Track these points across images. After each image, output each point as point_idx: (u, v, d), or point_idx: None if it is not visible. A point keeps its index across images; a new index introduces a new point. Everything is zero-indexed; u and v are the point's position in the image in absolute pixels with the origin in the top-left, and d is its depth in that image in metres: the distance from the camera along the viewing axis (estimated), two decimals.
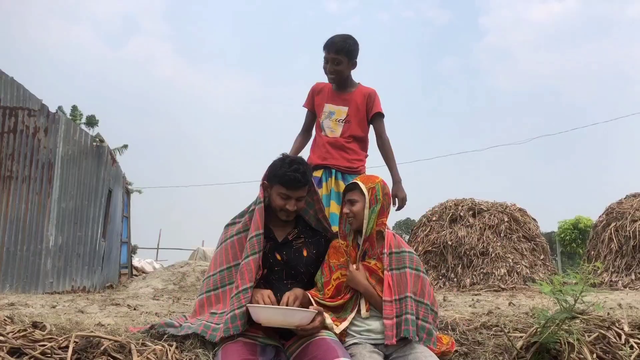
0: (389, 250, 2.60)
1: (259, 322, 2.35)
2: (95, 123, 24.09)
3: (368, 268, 2.61)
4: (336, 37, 3.36)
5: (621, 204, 10.34)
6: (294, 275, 2.63)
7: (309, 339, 2.38)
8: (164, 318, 3.39)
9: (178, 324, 2.57)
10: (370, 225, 2.61)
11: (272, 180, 2.64)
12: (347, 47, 3.33)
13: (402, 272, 2.56)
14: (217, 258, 2.66)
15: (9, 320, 2.66)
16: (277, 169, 2.62)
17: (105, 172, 11.42)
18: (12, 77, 10.26)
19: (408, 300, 2.49)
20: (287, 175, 2.57)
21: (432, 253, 10.76)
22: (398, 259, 2.59)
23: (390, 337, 2.42)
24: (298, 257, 2.67)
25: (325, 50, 3.37)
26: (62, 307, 5.17)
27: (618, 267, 9.25)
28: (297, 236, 2.72)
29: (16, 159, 10.02)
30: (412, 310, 2.48)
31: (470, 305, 5.25)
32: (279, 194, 2.61)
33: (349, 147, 3.38)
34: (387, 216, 2.71)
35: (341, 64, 3.35)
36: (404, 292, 2.51)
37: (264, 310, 2.34)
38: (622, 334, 2.89)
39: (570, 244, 23.85)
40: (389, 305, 2.48)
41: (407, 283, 2.53)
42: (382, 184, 2.70)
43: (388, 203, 2.70)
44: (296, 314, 2.34)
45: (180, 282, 11.61)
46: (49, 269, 9.98)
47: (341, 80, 3.45)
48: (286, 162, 2.63)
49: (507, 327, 3.07)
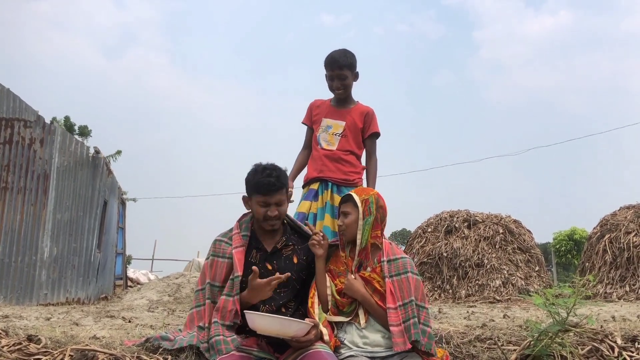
0: (387, 258, 2.61)
1: (255, 329, 2.36)
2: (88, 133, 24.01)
3: (364, 279, 2.62)
4: (335, 54, 3.43)
5: (615, 215, 10.39)
6: (285, 283, 2.63)
7: (304, 352, 2.38)
8: (159, 331, 3.39)
9: (173, 337, 2.58)
10: (365, 237, 2.63)
11: (249, 191, 2.67)
12: (349, 60, 3.42)
13: (404, 277, 2.56)
14: (206, 272, 2.67)
15: (3, 333, 2.66)
16: (251, 179, 2.65)
17: (101, 183, 11.42)
18: (9, 89, 10.26)
19: (413, 305, 2.50)
20: (262, 182, 2.59)
21: (428, 264, 10.78)
22: (396, 265, 2.60)
23: (399, 344, 2.41)
24: (289, 265, 2.68)
25: (328, 68, 3.43)
26: (56, 320, 5.15)
27: (612, 278, 9.29)
28: (285, 244, 2.73)
29: (12, 170, 10.00)
30: (416, 314, 2.49)
31: (465, 318, 5.27)
32: (257, 203, 2.62)
33: (345, 159, 3.40)
34: (383, 229, 2.72)
35: (347, 78, 3.43)
36: (408, 296, 2.52)
37: (261, 318, 2.35)
38: (615, 346, 2.91)
39: (566, 254, 23.91)
40: (394, 312, 2.48)
41: (409, 287, 2.54)
42: (376, 197, 2.71)
43: (383, 216, 2.71)
44: (292, 324, 2.35)
45: (175, 294, 11.57)
46: (43, 280, 9.93)
47: (346, 95, 3.52)
48: (259, 170, 2.65)
49: (500, 340, 3.08)
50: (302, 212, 3.31)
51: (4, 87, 10.23)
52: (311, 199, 3.32)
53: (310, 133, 3.61)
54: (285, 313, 2.60)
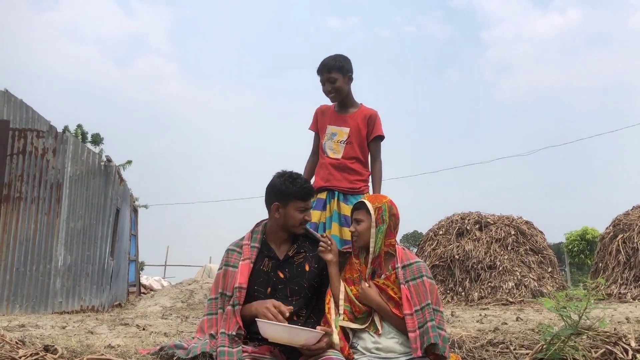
0: (401, 264, 2.61)
1: (266, 337, 2.39)
2: (100, 141, 24.21)
3: (377, 286, 2.63)
4: (325, 59, 3.45)
5: (628, 215, 10.29)
6: (297, 291, 2.67)
7: (316, 359, 2.41)
8: (173, 339, 3.42)
9: (187, 346, 2.60)
10: (378, 245, 2.63)
11: (286, 198, 2.69)
12: (337, 63, 3.41)
13: (420, 282, 2.56)
14: (219, 282, 2.71)
15: (20, 343, 2.70)
16: (288, 187, 2.68)
17: (113, 191, 11.51)
18: (22, 100, 10.40)
19: (430, 308, 2.50)
20: (305, 188, 2.72)
21: (440, 267, 10.74)
22: (411, 270, 2.59)
23: (416, 350, 2.42)
24: (301, 273, 2.70)
25: (319, 74, 3.46)
26: (72, 328, 5.21)
27: (626, 279, 9.19)
28: (297, 251, 2.76)
29: (25, 180, 10.13)
30: (432, 317, 2.48)
31: (477, 321, 5.25)
32: (297, 209, 2.69)
33: (351, 167, 3.40)
34: (395, 237, 2.71)
35: (336, 81, 3.41)
36: (425, 300, 2.52)
37: (271, 326, 2.37)
38: (629, 349, 2.90)
39: (579, 254, 23.68)
40: (410, 319, 2.48)
41: (426, 291, 2.54)
42: (389, 204, 2.70)
43: (395, 223, 2.70)
44: (302, 333, 2.37)
45: (188, 300, 11.63)
46: (58, 289, 10.03)
47: (342, 98, 3.50)
48: (294, 177, 2.72)
49: (513, 344, 3.08)
50: (313, 222, 3.32)
51: (16, 98, 10.36)
52: (320, 209, 3.33)
53: (317, 139, 3.62)
54: (297, 321, 2.61)
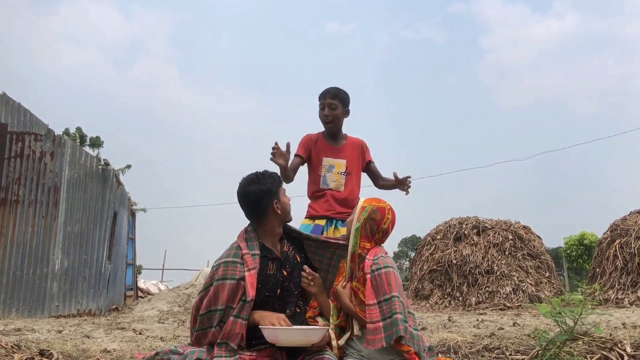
0: (370, 258, 2.57)
1: (278, 343, 2.43)
2: (99, 144, 24.25)
3: (352, 289, 2.62)
4: (330, 87, 3.60)
5: (625, 220, 10.31)
6: (298, 283, 2.73)
7: (311, 358, 2.44)
8: (169, 344, 3.42)
9: (182, 351, 2.59)
10: (353, 242, 2.64)
11: (276, 191, 2.76)
12: (341, 94, 3.58)
13: (384, 271, 2.47)
14: (211, 298, 2.56)
15: (16, 348, 2.70)
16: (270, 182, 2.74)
17: (111, 194, 11.50)
18: (20, 103, 10.41)
19: (397, 300, 2.40)
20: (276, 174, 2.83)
21: (437, 272, 10.75)
22: (376, 262, 2.53)
23: (373, 342, 2.34)
24: (297, 265, 2.78)
25: (321, 98, 3.59)
26: (68, 332, 5.20)
27: (624, 284, 9.20)
28: (286, 245, 2.84)
29: (23, 183, 10.13)
30: (400, 309, 2.38)
31: (474, 326, 5.25)
32: (284, 194, 2.80)
33: (352, 200, 3.48)
34: (371, 242, 2.66)
35: (337, 108, 3.55)
36: (389, 292, 2.42)
37: (286, 332, 2.42)
38: (625, 355, 2.90)
39: (577, 259, 23.72)
40: (373, 309, 2.41)
41: (390, 282, 2.44)
42: (373, 208, 2.66)
43: (373, 229, 2.66)
44: (317, 333, 2.46)
45: (186, 304, 11.61)
46: (54, 292, 10.02)
47: (335, 130, 3.61)
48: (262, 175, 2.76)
49: (509, 350, 3.08)
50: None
51: (14, 102, 10.37)
52: (319, 234, 3.38)
53: (298, 163, 3.58)
54: (299, 313, 2.71)
